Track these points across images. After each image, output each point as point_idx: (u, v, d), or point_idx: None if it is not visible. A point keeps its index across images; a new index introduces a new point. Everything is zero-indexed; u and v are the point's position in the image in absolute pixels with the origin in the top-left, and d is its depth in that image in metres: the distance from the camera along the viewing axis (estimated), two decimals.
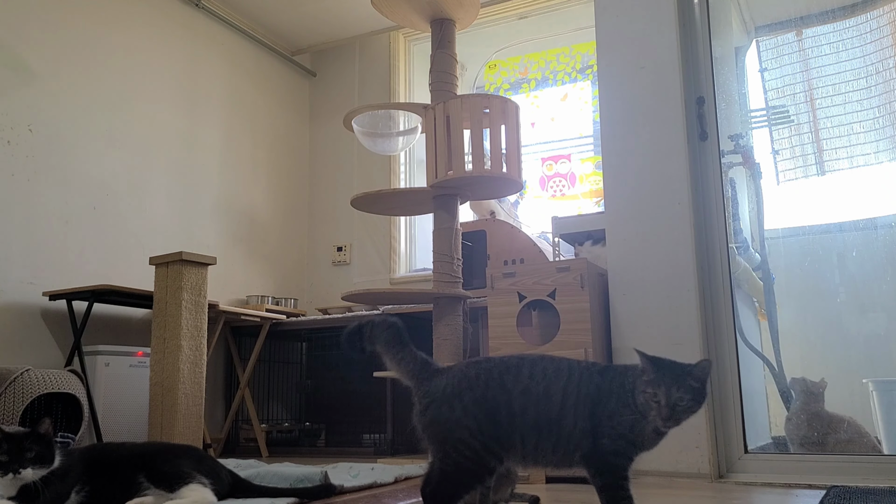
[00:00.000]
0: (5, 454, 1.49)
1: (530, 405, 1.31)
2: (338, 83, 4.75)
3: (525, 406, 1.31)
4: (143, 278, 3.34)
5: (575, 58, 4.33)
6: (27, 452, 1.51)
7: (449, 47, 2.99)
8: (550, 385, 1.32)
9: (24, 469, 1.49)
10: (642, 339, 2.51)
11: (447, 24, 3.00)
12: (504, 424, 1.30)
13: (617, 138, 2.68)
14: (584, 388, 1.32)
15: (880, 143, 3.03)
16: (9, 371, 2.60)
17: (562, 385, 1.32)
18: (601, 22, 2.77)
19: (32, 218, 3.07)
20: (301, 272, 4.60)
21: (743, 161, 2.98)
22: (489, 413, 1.30)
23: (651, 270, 2.54)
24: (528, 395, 1.31)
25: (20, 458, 1.50)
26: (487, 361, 1.39)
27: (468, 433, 1.29)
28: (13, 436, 1.52)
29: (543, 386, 1.32)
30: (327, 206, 4.64)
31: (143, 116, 3.64)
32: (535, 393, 1.31)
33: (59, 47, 3.26)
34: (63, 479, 1.58)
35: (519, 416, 1.30)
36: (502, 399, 1.31)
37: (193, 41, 3.99)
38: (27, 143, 3.09)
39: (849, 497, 1.84)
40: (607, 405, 1.31)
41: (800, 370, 2.81)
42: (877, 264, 2.98)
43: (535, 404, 1.31)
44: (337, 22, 4.37)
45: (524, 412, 1.30)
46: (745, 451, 2.42)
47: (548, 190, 4.24)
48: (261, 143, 4.39)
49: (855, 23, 3.12)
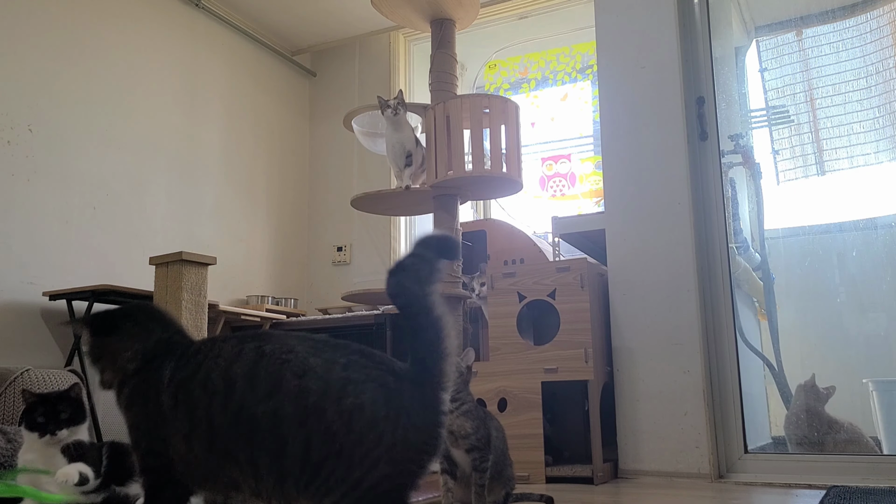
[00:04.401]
0: (42, 416, 1.61)
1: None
2: (338, 83, 4.74)
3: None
4: (143, 278, 3.34)
5: (575, 58, 4.33)
6: (62, 413, 1.63)
7: (449, 47, 2.99)
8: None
9: (59, 430, 1.62)
10: (642, 339, 2.51)
11: (447, 24, 3.00)
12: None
13: (617, 138, 2.68)
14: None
15: (880, 143, 3.03)
16: (9, 371, 2.59)
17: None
18: (601, 22, 2.77)
19: (32, 218, 3.07)
20: (301, 272, 4.60)
21: (743, 161, 2.98)
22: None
23: (651, 270, 2.54)
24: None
25: (56, 420, 1.62)
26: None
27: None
28: (48, 398, 1.64)
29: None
30: (327, 206, 4.63)
31: (143, 116, 3.64)
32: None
33: (59, 47, 3.26)
34: (95, 449, 1.72)
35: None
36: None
37: (193, 41, 3.98)
38: (27, 143, 3.09)
39: (849, 497, 1.84)
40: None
41: (800, 370, 2.81)
42: (877, 264, 2.98)
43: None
44: (337, 22, 4.37)
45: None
46: (745, 451, 2.42)
47: (548, 190, 4.24)
48: (261, 143, 4.39)
49: (855, 23, 3.11)
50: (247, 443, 0.95)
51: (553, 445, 2.59)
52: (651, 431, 2.44)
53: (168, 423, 1.02)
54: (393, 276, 0.98)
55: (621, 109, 2.68)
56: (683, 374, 2.42)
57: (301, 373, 0.95)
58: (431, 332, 0.98)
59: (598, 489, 2.22)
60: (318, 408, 0.92)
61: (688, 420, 2.39)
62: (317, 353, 0.97)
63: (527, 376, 2.47)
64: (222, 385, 0.98)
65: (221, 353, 1.02)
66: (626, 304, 2.56)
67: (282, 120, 4.58)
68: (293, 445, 0.92)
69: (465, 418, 1.51)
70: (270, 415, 0.94)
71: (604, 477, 2.36)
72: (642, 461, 2.44)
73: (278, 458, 0.93)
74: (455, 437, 1.51)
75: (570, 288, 2.48)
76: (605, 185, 2.69)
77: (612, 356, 2.57)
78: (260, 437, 0.94)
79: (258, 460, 0.95)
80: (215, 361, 1.01)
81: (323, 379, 0.94)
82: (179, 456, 1.01)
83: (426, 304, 0.98)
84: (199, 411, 0.99)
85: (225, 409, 0.97)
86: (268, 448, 0.94)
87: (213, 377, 0.99)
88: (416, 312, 0.98)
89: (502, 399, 2.49)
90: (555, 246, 3.02)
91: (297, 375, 0.95)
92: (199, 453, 0.99)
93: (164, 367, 1.05)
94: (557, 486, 2.27)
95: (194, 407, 0.99)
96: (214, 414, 0.97)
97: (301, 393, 0.93)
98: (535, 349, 2.50)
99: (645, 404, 2.46)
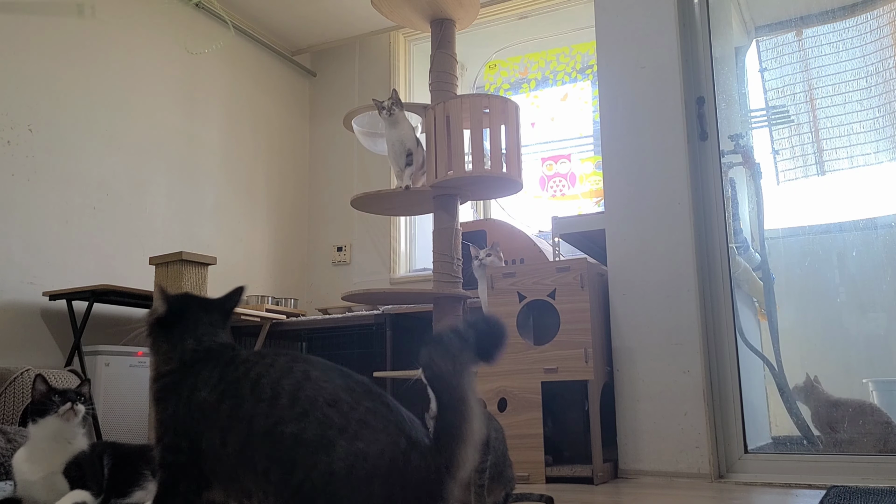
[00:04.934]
0: (59, 395, 1.70)
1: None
2: (338, 83, 4.74)
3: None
4: (143, 278, 3.34)
5: (575, 58, 4.33)
6: (79, 397, 1.72)
7: (449, 47, 2.99)
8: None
9: (78, 403, 1.70)
10: (642, 339, 2.51)
11: (447, 24, 3.00)
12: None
13: (617, 138, 2.68)
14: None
15: (880, 143, 3.03)
16: (9, 371, 2.60)
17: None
18: (601, 22, 2.77)
19: (32, 218, 3.07)
20: (301, 272, 4.60)
21: (743, 161, 2.98)
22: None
23: (651, 270, 2.54)
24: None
25: (73, 398, 1.71)
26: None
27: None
28: (62, 391, 1.72)
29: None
30: (327, 206, 4.63)
31: (143, 116, 3.64)
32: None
33: (59, 47, 3.26)
34: (95, 457, 1.75)
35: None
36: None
37: (193, 41, 3.98)
38: (27, 143, 3.09)
39: (849, 497, 1.84)
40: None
41: (800, 370, 2.81)
42: (877, 264, 2.98)
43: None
44: (337, 22, 4.37)
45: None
46: (745, 451, 2.42)
47: (548, 190, 4.24)
48: (261, 143, 4.39)
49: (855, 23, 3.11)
50: (268, 455, 0.96)
51: (553, 445, 2.59)
52: (651, 431, 2.44)
53: (205, 419, 1.04)
54: (426, 347, 0.97)
55: (621, 109, 2.68)
56: (683, 374, 2.42)
57: (332, 402, 0.96)
58: (453, 414, 0.94)
59: (598, 489, 2.22)
60: (331, 441, 0.92)
61: (688, 420, 2.39)
62: (349, 390, 0.98)
63: (527, 376, 2.47)
64: (269, 393, 1.00)
65: (275, 364, 1.04)
66: (626, 304, 2.56)
67: (282, 120, 4.58)
68: (298, 472, 0.93)
69: None
70: (295, 435, 0.95)
71: (604, 477, 2.36)
72: (642, 461, 2.44)
73: (285, 480, 0.94)
74: None
75: (570, 288, 2.48)
76: (605, 186, 2.69)
77: (612, 356, 2.57)
78: (279, 453, 0.95)
79: (270, 476, 0.96)
80: (268, 370, 1.03)
81: (346, 416, 0.94)
82: (213, 450, 1.02)
83: (452, 384, 0.95)
84: (244, 410, 1.00)
85: (266, 417, 0.98)
86: (281, 467, 0.95)
87: (262, 383, 1.01)
88: (442, 390, 0.95)
89: (502, 399, 2.49)
90: (555, 246, 3.02)
91: (328, 404, 0.96)
92: (231, 451, 1.00)
93: (205, 370, 1.08)
94: (557, 486, 2.27)
95: (240, 405, 1.01)
96: (256, 417, 0.99)
97: (324, 421, 0.94)
98: (535, 349, 2.50)
99: (645, 404, 2.47)
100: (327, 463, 0.92)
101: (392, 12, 3.01)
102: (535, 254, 3.21)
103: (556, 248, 3.03)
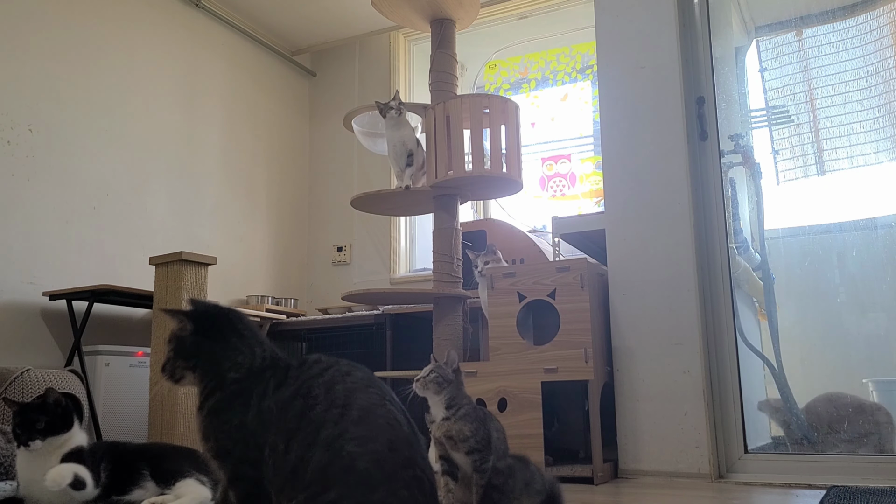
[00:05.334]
0: (19, 426, 1.64)
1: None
2: (338, 83, 4.74)
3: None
4: (143, 278, 3.34)
5: (575, 58, 4.33)
6: (37, 424, 1.65)
7: (449, 47, 2.99)
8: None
9: (32, 441, 1.64)
10: (642, 339, 2.51)
11: (447, 24, 3.00)
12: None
13: (617, 138, 2.68)
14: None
15: (880, 143, 3.03)
16: (9, 371, 2.60)
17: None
18: (601, 22, 2.77)
19: (32, 218, 3.07)
20: (301, 272, 4.60)
21: (743, 161, 2.98)
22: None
23: (651, 270, 2.54)
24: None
25: (30, 430, 1.64)
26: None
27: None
28: (27, 407, 1.67)
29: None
30: (327, 206, 4.63)
31: (143, 116, 3.64)
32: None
33: (59, 47, 3.26)
34: (93, 456, 1.75)
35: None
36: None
37: (193, 41, 3.98)
38: (27, 143, 3.09)
39: (849, 497, 1.84)
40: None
41: (800, 370, 2.81)
42: (877, 264, 2.97)
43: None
44: (337, 22, 4.37)
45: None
46: (745, 451, 2.42)
47: (548, 190, 4.24)
48: (261, 143, 4.39)
49: (855, 23, 3.11)
50: (317, 466, 0.95)
51: (560, 446, 2.59)
52: (651, 431, 2.44)
53: (272, 424, 1.03)
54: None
55: (621, 109, 2.68)
56: (683, 374, 2.42)
57: (392, 448, 0.99)
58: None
59: (598, 489, 2.22)
60: (375, 487, 0.94)
61: (688, 420, 2.39)
62: (409, 445, 1.01)
63: (527, 376, 2.47)
64: (342, 401, 1.00)
65: (351, 374, 1.05)
66: (626, 304, 2.56)
67: (282, 120, 4.58)
68: (331, 493, 0.94)
69: (463, 422, 1.51)
70: (352, 457, 0.96)
71: (604, 477, 2.36)
72: (642, 461, 2.44)
73: (315, 495, 0.94)
74: (455, 441, 1.51)
75: (570, 288, 2.48)
76: (605, 185, 2.69)
77: (612, 356, 2.57)
78: (328, 469, 0.95)
79: (309, 485, 0.96)
80: (344, 378, 1.04)
81: (395, 475, 0.97)
82: (275, 458, 1.01)
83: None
84: (315, 413, 1.00)
85: (335, 425, 0.98)
86: (322, 482, 0.95)
87: (337, 389, 1.02)
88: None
89: (502, 399, 2.49)
90: (555, 246, 3.02)
91: (388, 448, 0.98)
92: (293, 456, 0.98)
93: (266, 380, 1.08)
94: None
95: (312, 406, 1.00)
96: (325, 422, 0.98)
97: (378, 461, 0.96)
98: (535, 349, 2.50)
99: (645, 404, 2.47)
100: (336, 452, 0.93)
101: (392, 12, 3.00)
102: (535, 254, 3.21)
103: (556, 248, 3.03)
